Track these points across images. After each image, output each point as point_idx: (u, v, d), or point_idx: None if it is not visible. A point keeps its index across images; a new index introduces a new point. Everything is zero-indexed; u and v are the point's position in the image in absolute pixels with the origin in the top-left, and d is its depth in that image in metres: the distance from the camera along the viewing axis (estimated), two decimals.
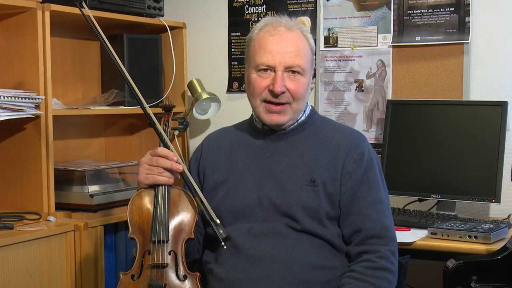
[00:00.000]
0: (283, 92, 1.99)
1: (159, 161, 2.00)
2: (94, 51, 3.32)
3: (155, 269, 1.93)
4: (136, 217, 2.01)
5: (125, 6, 3.13)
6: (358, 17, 3.18)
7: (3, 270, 2.36)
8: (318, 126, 2.10)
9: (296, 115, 2.05)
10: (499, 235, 2.42)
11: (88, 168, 2.86)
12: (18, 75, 2.71)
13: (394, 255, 1.97)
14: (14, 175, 2.75)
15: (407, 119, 2.93)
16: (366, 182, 2.00)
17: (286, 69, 2.00)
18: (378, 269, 1.92)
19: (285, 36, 2.02)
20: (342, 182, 1.99)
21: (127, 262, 2.85)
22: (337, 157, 2.01)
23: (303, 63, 2.01)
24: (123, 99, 3.11)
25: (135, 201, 2.02)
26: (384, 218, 1.99)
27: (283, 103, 2.01)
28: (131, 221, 2.01)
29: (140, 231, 2.00)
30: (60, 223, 2.65)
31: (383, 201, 2.02)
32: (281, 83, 1.99)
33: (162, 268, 1.93)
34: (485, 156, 2.74)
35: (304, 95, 2.04)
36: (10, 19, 2.72)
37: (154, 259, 1.94)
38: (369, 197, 1.99)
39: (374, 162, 2.05)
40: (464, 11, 2.95)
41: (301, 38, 2.04)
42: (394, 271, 1.95)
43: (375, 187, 2.02)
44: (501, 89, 2.92)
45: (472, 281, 2.16)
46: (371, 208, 1.98)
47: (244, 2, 3.42)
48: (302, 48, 2.03)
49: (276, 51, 2.00)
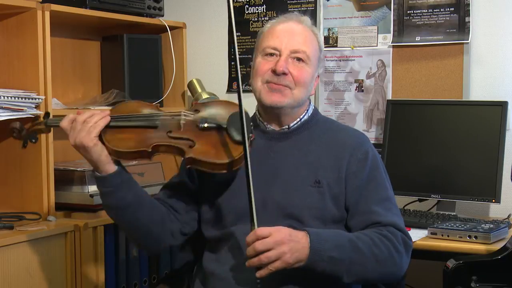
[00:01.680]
0: (284, 73, 2.00)
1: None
2: (94, 51, 3.32)
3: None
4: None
5: (125, 6, 3.13)
6: (358, 17, 3.18)
7: (3, 270, 2.36)
8: (321, 127, 2.10)
9: (296, 103, 2.04)
10: (499, 235, 2.42)
11: (88, 168, 2.86)
12: (18, 75, 2.71)
13: (406, 244, 1.94)
14: (14, 175, 2.75)
15: (407, 119, 2.93)
16: (373, 180, 2.00)
17: (291, 54, 2.01)
18: (384, 236, 1.91)
19: (295, 26, 2.06)
20: (348, 182, 1.99)
21: (127, 262, 2.85)
22: (341, 157, 2.01)
23: (309, 51, 2.03)
24: (123, 99, 3.10)
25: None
26: (392, 215, 1.98)
27: (285, 85, 2.01)
28: None
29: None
30: (60, 223, 2.65)
31: (390, 199, 2.02)
32: (284, 64, 2.00)
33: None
34: (485, 156, 2.74)
35: (306, 84, 2.03)
36: (10, 19, 2.72)
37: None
38: (376, 195, 1.99)
39: (379, 162, 2.06)
40: (464, 11, 2.95)
41: (310, 32, 2.07)
42: (400, 250, 1.92)
43: (382, 185, 2.02)
44: (501, 89, 2.92)
45: (472, 281, 2.16)
46: (379, 206, 1.97)
47: (244, 2, 3.42)
48: (310, 39, 2.05)
49: (283, 36, 2.03)
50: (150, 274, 2.97)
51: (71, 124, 1.95)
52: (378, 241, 1.90)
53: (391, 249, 1.90)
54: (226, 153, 1.90)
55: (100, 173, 1.95)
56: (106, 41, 3.31)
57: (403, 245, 1.94)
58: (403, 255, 1.93)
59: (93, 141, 1.91)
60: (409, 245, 1.96)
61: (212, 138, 1.93)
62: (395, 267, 1.92)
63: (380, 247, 1.89)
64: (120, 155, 1.94)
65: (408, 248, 1.96)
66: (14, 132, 2.10)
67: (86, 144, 1.90)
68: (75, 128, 1.93)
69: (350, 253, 1.86)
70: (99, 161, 1.93)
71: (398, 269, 1.94)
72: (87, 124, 1.92)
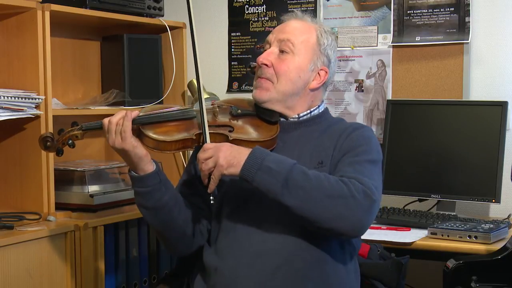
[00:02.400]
0: (265, 64, 2.04)
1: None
2: (94, 51, 3.32)
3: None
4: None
5: (125, 6, 3.13)
6: (358, 17, 3.18)
7: (3, 270, 2.36)
8: (329, 122, 2.12)
9: (282, 97, 2.05)
10: (499, 235, 2.42)
11: (88, 168, 2.86)
12: (18, 75, 2.71)
13: (366, 194, 1.81)
14: (14, 175, 2.75)
15: (407, 119, 2.93)
16: (357, 147, 1.97)
17: (279, 44, 2.05)
18: (339, 179, 1.83)
19: (293, 21, 2.10)
20: (334, 154, 1.98)
21: (127, 262, 2.85)
22: (338, 138, 2.02)
23: (296, 39, 2.04)
24: (123, 99, 3.11)
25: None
26: (364, 175, 1.88)
27: (266, 78, 2.04)
28: None
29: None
30: (60, 223, 2.65)
31: (362, 163, 1.93)
32: (265, 56, 2.04)
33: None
34: (485, 156, 2.74)
35: (290, 75, 2.04)
36: (10, 19, 2.72)
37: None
38: (355, 158, 1.94)
39: (371, 137, 2.02)
40: (464, 11, 2.95)
41: (307, 24, 2.09)
42: (356, 196, 1.79)
43: (364, 152, 1.96)
44: (501, 89, 2.92)
45: (472, 281, 2.16)
46: (351, 166, 1.92)
47: (244, 2, 3.42)
48: (302, 30, 2.07)
49: (276, 30, 2.09)
50: (150, 274, 2.97)
51: (107, 126, 1.95)
52: (333, 179, 1.82)
53: (345, 190, 1.80)
54: (264, 133, 2.03)
55: (138, 173, 1.96)
56: (106, 41, 3.31)
57: (362, 194, 1.80)
58: (360, 202, 1.79)
59: (132, 144, 1.92)
60: (370, 197, 1.81)
61: (246, 123, 2.07)
62: (347, 210, 1.79)
63: (332, 184, 1.81)
64: (165, 146, 1.97)
65: (369, 199, 1.81)
66: (48, 141, 2.03)
67: (126, 148, 1.91)
68: (110, 130, 1.93)
69: (292, 172, 1.80)
70: (140, 161, 1.94)
71: (352, 214, 1.80)
72: (119, 126, 1.93)
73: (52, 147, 2.03)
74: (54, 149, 2.04)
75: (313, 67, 2.08)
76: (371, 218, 1.85)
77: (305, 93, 2.09)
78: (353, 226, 1.82)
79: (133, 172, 1.97)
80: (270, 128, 2.05)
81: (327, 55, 2.11)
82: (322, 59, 2.10)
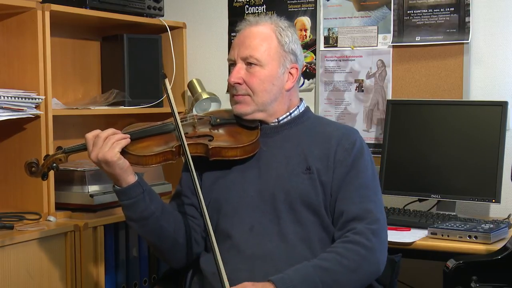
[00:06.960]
0: (238, 83, 2.05)
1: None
2: (94, 51, 3.32)
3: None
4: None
5: (125, 6, 3.13)
6: (358, 17, 3.18)
7: (3, 270, 2.36)
8: (312, 123, 2.13)
9: (263, 107, 2.07)
10: (499, 235, 2.42)
11: (88, 168, 2.86)
12: (18, 75, 2.71)
13: (374, 233, 1.92)
14: (14, 175, 2.74)
15: (407, 119, 2.93)
16: (355, 167, 2.01)
17: (244, 61, 2.06)
18: (349, 242, 1.90)
19: (248, 30, 2.09)
20: (335, 171, 2.00)
21: (127, 262, 2.85)
22: (329, 147, 2.03)
23: (257, 53, 2.04)
24: (123, 99, 3.11)
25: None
26: (369, 202, 1.97)
27: (242, 94, 2.06)
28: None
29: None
30: (60, 223, 2.65)
31: (369, 186, 2.01)
32: (235, 75, 2.06)
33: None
34: (485, 156, 2.74)
35: (263, 88, 2.05)
36: (10, 19, 2.72)
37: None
38: (356, 182, 1.99)
39: (365, 151, 2.06)
40: (464, 11, 2.95)
41: (264, 32, 2.08)
42: (369, 246, 1.90)
43: (363, 173, 2.01)
44: (501, 89, 2.92)
45: (472, 281, 2.16)
46: (355, 192, 1.98)
47: (244, 2, 3.42)
48: (261, 39, 2.06)
49: (236, 45, 2.09)
50: (150, 274, 2.97)
51: (93, 139, 1.97)
52: (344, 251, 1.89)
53: (361, 252, 1.89)
54: (243, 138, 2.07)
55: (121, 185, 1.98)
56: (106, 41, 3.31)
57: (372, 236, 1.91)
58: (375, 248, 1.91)
59: (116, 155, 1.94)
60: (377, 233, 1.93)
61: (225, 131, 2.11)
62: (372, 265, 1.91)
63: (348, 256, 1.88)
64: (146, 160, 2.00)
65: (379, 236, 1.93)
66: (33, 167, 2.08)
67: (110, 158, 1.93)
68: (97, 143, 1.96)
69: (319, 277, 1.85)
70: (122, 173, 1.96)
71: (376, 264, 1.92)
72: (109, 140, 1.95)
73: (37, 172, 2.09)
74: (39, 174, 2.09)
75: (283, 70, 2.08)
76: (386, 246, 1.98)
77: (282, 95, 2.10)
78: (380, 270, 1.95)
79: (116, 187, 2.00)
80: (250, 133, 2.09)
81: (292, 51, 2.10)
82: (289, 58, 2.09)
